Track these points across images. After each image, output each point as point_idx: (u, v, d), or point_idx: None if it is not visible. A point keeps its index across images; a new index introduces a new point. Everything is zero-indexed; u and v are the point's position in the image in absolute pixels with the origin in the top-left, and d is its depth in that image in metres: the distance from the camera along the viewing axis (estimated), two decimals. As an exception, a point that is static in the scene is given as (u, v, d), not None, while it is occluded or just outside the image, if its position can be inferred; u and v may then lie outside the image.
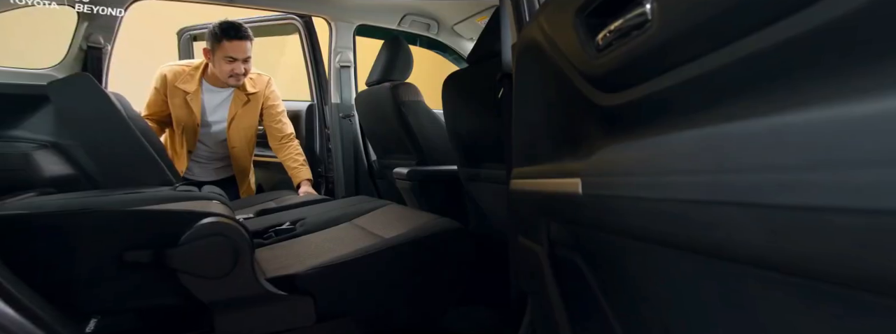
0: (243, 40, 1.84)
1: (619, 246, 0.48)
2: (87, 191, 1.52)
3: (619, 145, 0.43)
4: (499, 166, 1.40)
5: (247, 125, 2.08)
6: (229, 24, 1.84)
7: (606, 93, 0.54)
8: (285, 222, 1.38)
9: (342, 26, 2.28)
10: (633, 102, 0.47)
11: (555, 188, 0.56)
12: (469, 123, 1.45)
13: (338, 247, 1.09)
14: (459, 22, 2.39)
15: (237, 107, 2.02)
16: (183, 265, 0.78)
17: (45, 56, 1.86)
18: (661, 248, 0.42)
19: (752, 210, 0.30)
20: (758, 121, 0.31)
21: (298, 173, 2.07)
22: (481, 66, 1.34)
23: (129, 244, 0.77)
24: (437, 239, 1.04)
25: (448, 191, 1.64)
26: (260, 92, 2.06)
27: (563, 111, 0.65)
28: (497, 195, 1.42)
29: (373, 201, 1.53)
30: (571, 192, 0.47)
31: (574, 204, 0.48)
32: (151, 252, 0.77)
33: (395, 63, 1.90)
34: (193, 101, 1.93)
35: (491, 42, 1.31)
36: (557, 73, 0.66)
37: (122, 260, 0.76)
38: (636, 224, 0.40)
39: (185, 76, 1.93)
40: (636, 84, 0.47)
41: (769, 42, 0.30)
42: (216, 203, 1.13)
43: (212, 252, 0.79)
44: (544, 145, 0.71)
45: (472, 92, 1.39)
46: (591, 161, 0.45)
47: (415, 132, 1.79)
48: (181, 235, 0.79)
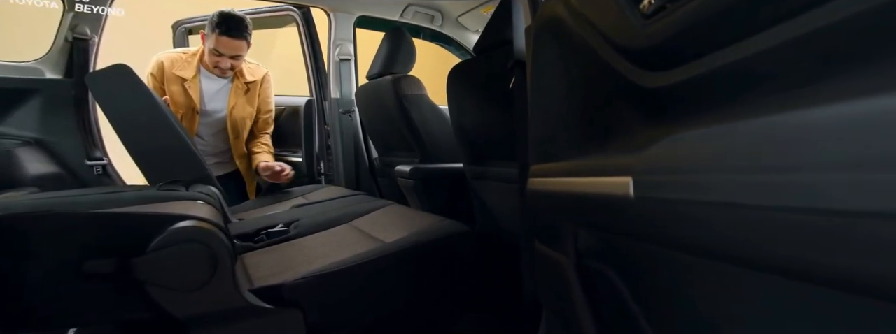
0: (234, 38, 1.75)
1: (675, 262, 0.38)
2: (69, 189, 1.43)
3: (682, 135, 0.33)
4: (508, 164, 1.30)
5: (248, 114, 1.99)
6: (229, 16, 1.74)
7: (654, 71, 0.44)
8: (279, 223, 1.28)
9: (342, 17, 2.18)
10: (698, 80, 0.37)
11: (586, 189, 0.46)
12: (476, 118, 1.35)
13: (333, 252, 0.99)
14: (464, 13, 2.29)
15: (237, 97, 1.93)
16: (151, 276, 0.68)
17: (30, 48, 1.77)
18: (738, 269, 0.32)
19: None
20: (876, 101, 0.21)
21: (260, 156, 1.98)
22: (490, 55, 1.23)
23: (90, 252, 0.67)
24: (442, 244, 0.94)
25: (453, 190, 1.54)
26: (258, 82, 1.98)
27: (591, 97, 0.55)
28: (505, 194, 1.33)
29: (373, 201, 1.43)
30: (616, 194, 0.37)
31: (619, 208, 0.38)
32: (115, 261, 0.67)
33: (397, 55, 1.80)
34: (192, 88, 1.84)
35: (500, 29, 1.21)
36: (585, 51, 0.55)
37: (81, 271, 0.66)
38: (714, 238, 0.29)
39: (183, 62, 1.83)
40: (701, 56, 0.37)
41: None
42: (200, 204, 1.04)
43: (185, 260, 0.70)
44: (567, 138, 0.61)
45: (480, 84, 1.29)
46: (648, 155, 0.34)
47: (418, 128, 1.69)
48: (150, 242, 0.69)
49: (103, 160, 1.80)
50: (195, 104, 1.85)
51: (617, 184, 0.37)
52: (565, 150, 0.60)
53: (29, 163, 1.65)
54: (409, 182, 1.53)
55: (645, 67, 0.46)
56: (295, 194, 1.81)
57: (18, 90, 1.67)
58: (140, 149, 1.42)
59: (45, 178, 1.66)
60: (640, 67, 0.46)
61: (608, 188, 0.39)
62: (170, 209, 0.87)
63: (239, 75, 1.93)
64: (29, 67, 1.71)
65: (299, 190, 1.86)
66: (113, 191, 1.13)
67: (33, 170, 1.65)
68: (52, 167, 1.67)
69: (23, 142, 1.68)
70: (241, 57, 1.82)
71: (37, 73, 1.71)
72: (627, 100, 0.49)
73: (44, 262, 0.65)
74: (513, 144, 1.26)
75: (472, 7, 2.20)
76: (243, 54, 1.83)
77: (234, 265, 0.75)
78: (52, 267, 0.66)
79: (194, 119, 1.89)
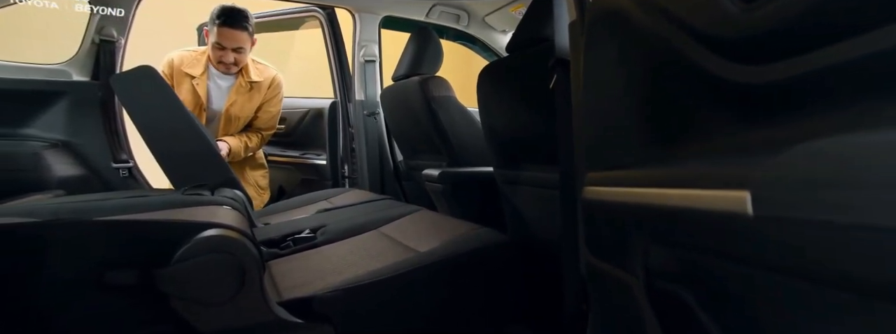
0: (234, 29, 1.70)
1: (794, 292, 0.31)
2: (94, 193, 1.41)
3: (817, 144, 0.26)
4: (542, 168, 1.23)
5: (245, 113, 1.93)
6: (228, 8, 1.71)
7: (750, 64, 0.38)
8: (305, 229, 1.24)
9: (367, 18, 2.14)
10: (820, 75, 0.31)
11: (672, 202, 0.40)
12: (508, 119, 1.29)
13: (363, 261, 0.94)
14: (491, 12, 2.23)
15: (238, 94, 1.88)
16: (176, 288, 0.64)
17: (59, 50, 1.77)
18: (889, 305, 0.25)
19: None
20: None
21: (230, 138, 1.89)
22: (524, 54, 1.17)
23: (111, 262, 0.63)
24: (480, 255, 0.88)
25: (483, 196, 1.48)
26: (264, 83, 1.92)
27: (660, 94, 0.49)
28: (540, 200, 1.26)
29: (401, 206, 1.38)
30: (722, 211, 0.31)
31: (725, 227, 0.31)
32: (137, 272, 0.63)
33: (423, 55, 1.75)
34: (199, 86, 1.81)
35: (535, 26, 1.15)
36: (655, 43, 0.49)
37: (101, 282, 0.62)
38: (866, 268, 0.23)
39: (192, 60, 1.81)
40: (825, 46, 0.30)
41: None
42: (226, 210, 1.00)
43: (211, 272, 0.65)
44: (628, 142, 0.55)
45: (513, 84, 1.23)
46: (774, 166, 0.28)
47: (446, 130, 1.64)
48: (175, 251, 0.65)
49: (129, 163, 1.79)
50: (202, 102, 1.83)
51: (725, 200, 0.31)
52: (628, 155, 0.54)
53: (56, 165, 1.65)
54: (438, 186, 1.48)
55: (738, 60, 0.39)
56: (320, 198, 1.77)
57: (46, 92, 1.67)
58: (165, 151, 1.40)
59: (72, 181, 1.65)
60: (731, 60, 0.40)
61: (710, 203, 0.33)
62: (195, 215, 0.83)
63: (244, 73, 1.88)
64: (57, 69, 1.71)
65: (324, 193, 1.82)
66: (138, 195, 1.10)
67: (60, 173, 1.64)
68: (78, 169, 1.67)
69: (50, 145, 1.68)
70: (243, 50, 1.76)
71: (64, 75, 1.71)
72: (710, 98, 0.43)
73: (62, 273, 0.62)
74: (549, 147, 1.19)
75: (500, 6, 2.14)
76: (245, 47, 1.77)
77: (263, 276, 0.71)
78: (71, 278, 0.62)
79: (201, 117, 1.86)
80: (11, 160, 1.60)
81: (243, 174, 2.00)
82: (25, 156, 1.61)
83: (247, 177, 2.01)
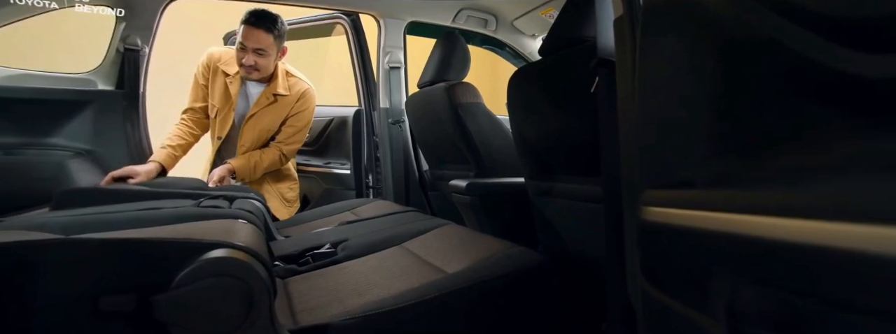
0: (256, 28, 1.63)
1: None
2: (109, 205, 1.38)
3: None
4: (579, 179, 1.14)
5: (263, 128, 1.83)
6: (256, 9, 1.67)
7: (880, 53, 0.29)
8: (326, 243, 1.17)
9: (392, 23, 2.09)
10: None
11: (775, 234, 0.30)
12: (542, 127, 1.20)
13: (385, 282, 0.87)
14: (520, 16, 2.15)
15: (259, 106, 1.80)
16: (175, 316, 0.57)
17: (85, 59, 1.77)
18: None
19: None
20: None
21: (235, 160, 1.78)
22: (560, 56, 1.09)
23: (107, 285, 0.57)
24: (516, 279, 0.79)
25: (514, 208, 1.39)
26: (290, 98, 1.83)
27: (746, 95, 0.40)
28: (576, 214, 1.17)
29: (427, 219, 1.30)
30: (863, 252, 0.22)
31: (864, 273, 0.22)
32: (135, 297, 0.57)
33: (450, 61, 1.68)
34: (232, 85, 1.76)
35: (573, 25, 1.06)
36: (740, 31, 0.40)
37: (96, 308, 0.56)
38: None
39: (229, 59, 1.76)
40: None
41: None
42: (241, 224, 0.94)
43: (215, 299, 0.58)
44: (704, 154, 0.45)
45: (548, 88, 1.14)
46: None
47: (473, 138, 1.56)
48: (176, 274, 0.58)
49: (151, 172, 1.76)
50: (233, 102, 1.77)
51: (865, 237, 0.22)
52: (702, 170, 0.45)
53: (79, 174, 1.63)
54: (466, 198, 1.40)
55: (860, 46, 0.30)
56: (343, 209, 1.70)
57: (72, 102, 1.66)
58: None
59: (94, 190, 1.63)
60: (849, 46, 0.31)
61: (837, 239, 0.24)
62: (205, 231, 0.77)
63: (271, 84, 1.80)
64: (82, 79, 1.71)
65: (347, 204, 1.75)
66: (152, 207, 1.05)
67: (83, 182, 1.63)
68: (101, 178, 1.64)
69: (74, 154, 1.67)
70: (264, 53, 1.68)
71: (90, 84, 1.70)
72: (820, 97, 0.34)
73: (53, 297, 0.55)
74: (588, 156, 1.10)
75: (529, 9, 2.06)
76: (268, 51, 1.68)
77: (273, 303, 0.63)
78: (63, 303, 0.56)
79: (228, 117, 1.80)
80: (36, 169, 1.59)
81: (266, 185, 1.92)
82: (50, 165, 1.60)
83: (270, 189, 1.93)
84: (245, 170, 1.77)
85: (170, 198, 1.24)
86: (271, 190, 1.93)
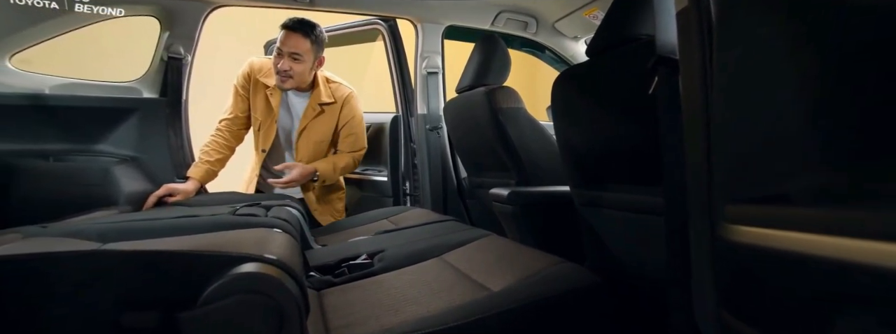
0: (293, 32, 1.62)
1: None
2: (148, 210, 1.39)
3: None
4: (631, 188, 1.06)
5: (318, 139, 1.82)
6: (296, 17, 1.66)
7: None
8: (362, 253, 1.13)
9: (429, 28, 2.05)
10: None
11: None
12: (589, 132, 1.12)
13: (424, 298, 0.81)
14: (562, 18, 2.08)
15: (308, 119, 1.79)
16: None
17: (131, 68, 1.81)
18: None
19: None
20: None
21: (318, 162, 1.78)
22: (611, 56, 1.01)
23: (132, 300, 0.54)
24: (569, 300, 0.72)
25: (559, 219, 1.31)
26: (337, 105, 1.82)
27: (886, 90, 0.32)
28: (627, 226, 1.08)
29: (467, 229, 1.24)
30: None
31: None
32: (159, 314, 0.53)
33: (490, 64, 1.62)
34: (273, 95, 1.75)
35: (625, 22, 0.98)
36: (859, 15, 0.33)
37: (119, 325, 0.53)
38: None
39: (268, 70, 1.74)
40: None
41: None
42: (276, 233, 0.90)
43: (243, 317, 0.54)
44: (806, 164, 0.38)
45: (597, 91, 1.06)
46: None
47: (514, 144, 1.49)
48: (204, 289, 0.55)
49: (192, 178, 1.78)
50: (275, 113, 1.76)
51: None
52: (808, 182, 0.37)
53: (124, 180, 1.66)
54: (507, 207, 1.33)
55: None
56: (380, 216, 1.67)
57: (118, 109, 1.70)
58: None
59: (138, 196, 1.65)
60: None
61: None
62: (238, 242, 0.74)
63: (314, 94, 1.79)
64: (129, 87, 1.74)
65: (384, 212, 1.71)
66: (188, 215, 1.04)
67: (127, 188, 1.65)
68: (144, 185, 1.66)
69: (120, 160, 1.69)
70: (300, 59, 1.65)
71: (135, 92, 1.74)
72: None
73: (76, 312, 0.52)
74: (642, 163, 1.01)
75: (572, 10, 1.98)
76: (304, 57, 1.66)
77: (305, 321, 0.59)
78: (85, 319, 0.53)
79: (271, 129, 1.79)
80: (83, 175, 1.62)
81: (320, 195, 1.91)
82: (96, 171, 1.64)
83: (322, 199, 1.91)
84: (328, 173, 1.78)
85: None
86: (323, 200, 1.91)
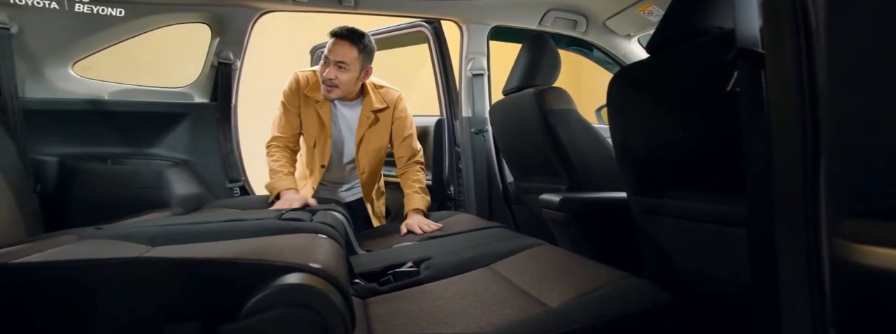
0: (342, 40, 1.57)
1: None
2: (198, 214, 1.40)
3: None
4: (697, 195, 0.97)
5: (376, 147, 1.78)
6: (346, 26, 1.62)
7: None
8: (408, 261, 1.10)
9: (475, 29, 2.00)
10: None
11: None
12: (650, 134, 1.04)
13: (474, 311, 0.76)
14: (614, 15, 1.98)
15: (364, 128, 1.74)
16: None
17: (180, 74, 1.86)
18: None
19: None
20: None
21: (409, 201, 1.71)
22: (677, 51, 0.93)
23: (173, 311, 0.51)
24: (639, 320, 0.65)
25: (615, 227, 1.23)
26: (389, 109, 1.77)
27: None
28: (690, 235, 1.00)
29: (515, 237, 1.18)
30: None
31: None
32: (200, 326, 0.51)
33: (539, 64, 1.56)
34: (323, 109, 1.70)
35: (693, 13, 0.90)
36: None
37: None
38: None
39: (314, 83, 1.69)
40: None
41: None
42: (322, 240, 0.88)
43: (286, 331, 0.51)
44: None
45: (659, 90, 0.99)
46: None
47: (565, 148, 1.42)
48: (248, 300, 0.52)
49: (240, 181, 1.80)
50: (328, 128, 1.72)
51: None
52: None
53: (176, 183, 1.70)
54: (559, 215, 1.26)
55: None
56: None
57: (171, 114, 1.74)
58: None
59: (189, 199, 1.69)
60: None
61: None
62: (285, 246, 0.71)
63: (366, 102, 1.74)
64: (181, 92, 1.79)
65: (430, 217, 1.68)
66: (235, 219, 1.03)
67: (179, 191, 1.69)
68: (195, 188, 1.70)
69: (173, 164, 1.74)
70: (346, 68, 1.60)
71: (187, 97, 1.78)
72: None
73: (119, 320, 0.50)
74: (711, 169, 0.93)
75: (625, 7, 1.89)
76: (350, 66, 1.60)
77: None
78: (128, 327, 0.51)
79: (326, 144, 1.73)
80: (138, 178, 1.67)
81: (372, 201, 1.88)
82: (150, 174, 1.68)
83: (370, 205, 1.88)
84: (426, 202, 1.73)
85: None
86: (370, 207, 1.88)
